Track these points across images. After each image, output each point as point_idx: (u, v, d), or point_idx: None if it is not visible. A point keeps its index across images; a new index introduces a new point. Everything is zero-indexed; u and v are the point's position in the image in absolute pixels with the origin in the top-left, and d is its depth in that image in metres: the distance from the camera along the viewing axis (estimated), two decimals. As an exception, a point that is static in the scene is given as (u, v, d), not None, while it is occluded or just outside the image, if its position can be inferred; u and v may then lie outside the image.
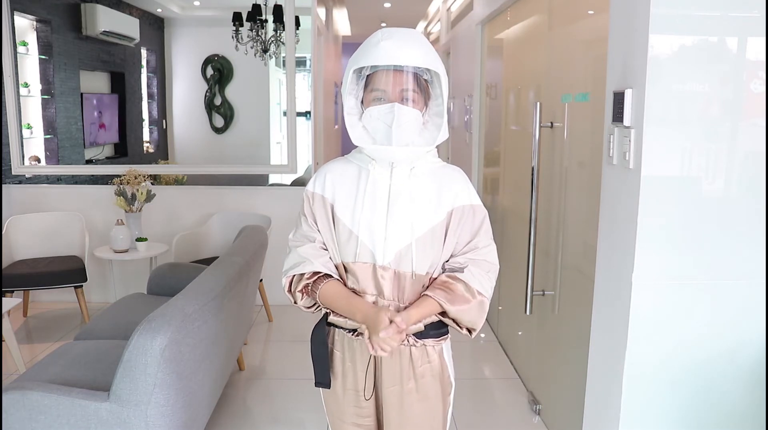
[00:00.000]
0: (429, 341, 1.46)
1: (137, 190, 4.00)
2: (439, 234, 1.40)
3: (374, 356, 1.45)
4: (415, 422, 1.48)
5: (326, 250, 1.44)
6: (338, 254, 1.43)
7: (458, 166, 1.50)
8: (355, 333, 1.44)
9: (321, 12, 6.06)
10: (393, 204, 1.38)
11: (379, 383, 1.48)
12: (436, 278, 1.43)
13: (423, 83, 1.38)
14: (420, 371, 1.46)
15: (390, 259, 1.38)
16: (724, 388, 1.75)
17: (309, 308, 1.48)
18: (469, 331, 1.45)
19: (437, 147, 1.44)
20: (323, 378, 1.48)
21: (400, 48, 1.29)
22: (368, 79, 1.38)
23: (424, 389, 1.47)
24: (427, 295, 1.39)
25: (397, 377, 1.46)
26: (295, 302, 1.47)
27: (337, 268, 1.44)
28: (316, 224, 1.44)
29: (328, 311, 1.46)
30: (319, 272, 1.41)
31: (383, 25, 8.55)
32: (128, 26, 5.22)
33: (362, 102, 1.40)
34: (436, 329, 1.46)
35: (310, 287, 1.42)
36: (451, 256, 1.43)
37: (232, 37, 4.69)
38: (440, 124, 1.38)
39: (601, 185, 1.91)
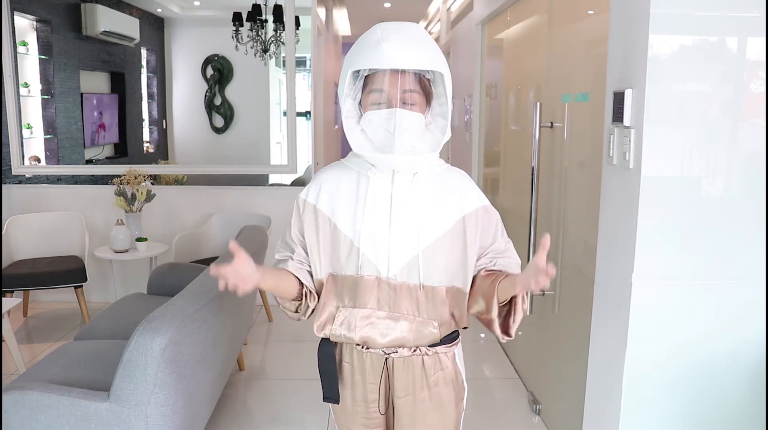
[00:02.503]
0: (441, 348, 1.40)
1: (137, 190, 4.00)
2: (450, 242, 1.34)
3: (386, 368, 1.40)
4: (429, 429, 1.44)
5: (303, 261, 1.41)
6: (328, 266, 1.38)
7: (459, 168, 1.46)
8: (365, 347, 1.39)
9: (321, 12, 6.06)
10: (395, 212, 1.32)
11: (390, 394, 1.44)
12: (473, 285, 1.40)
13: (425, 83, 1.30)
14: (433, 379, 1.41)
15: (396, 271, 1.33)
16: (725, 388, 1.74)
17: (293, 311, 1.44)
18: (507, 332, 1.39)
19: None
20: (332, 393, 1.43)
21: (401, 50, 1.21)
22: (366, 79, 1.30)
23: (438, 397, 1.43)
24: (495, 278, 1.35)
25: (410, 387, 1.41)
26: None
27: (319, 282, 1.39)
28: (302, 235, 1.40)
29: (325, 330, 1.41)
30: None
31: (383, 25, 8.53)
32: (128, 26, 5.22)
33: (360, 103, 1.33)
34: (448, 334, 1.41)
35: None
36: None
37: (232, 37, 4.69)
38: (443, 125, 1.31)
39: (601, 185, 1.91)
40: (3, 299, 3.05)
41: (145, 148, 5.69)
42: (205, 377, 2.18)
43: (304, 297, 1.41)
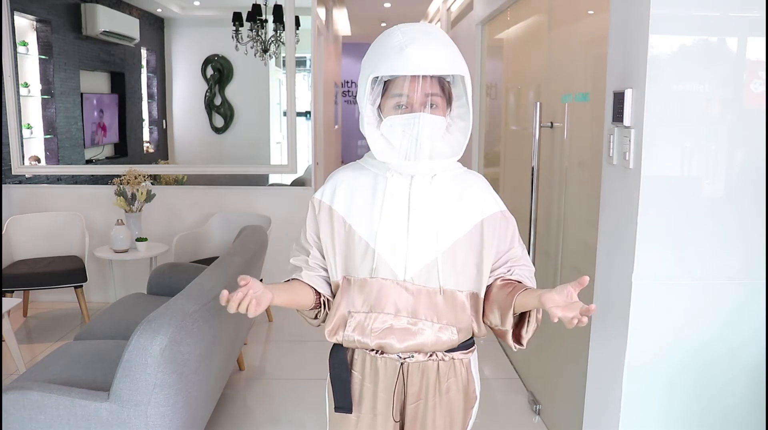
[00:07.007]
0: (457, 354, 1.38)
1: (137, 190, 4.00)
2: (468, 246, 1.32)
3: (402, 374, 1.37)
4: None
5: (319, 265, 1.39)
6: (342, 268, 1.34)
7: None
8: (379, 352, 1.35)
9: (321, 12, 6.05)
10: (414, 214, 1.29)
11: (402, 400, 1.40)
12: (489, 288, 1.37)
13: (446, 84, 1.29)
14: (446, 385, 1.38)
15: (413, 274, 1.30)
16: (724, 388, 1.74)
17: (312, 318, 1.43)
18: (519, 341, 1.38)
19: None
20: (344, 402, 1.37)
21: (425, 56, 1.19)
22: (387, 83, 1.27)
23: (448, 403, 1.40)
24: (513, 287, 1.33)
25: (422, 393, 1.38)
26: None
27: (336, 284, 1.36)
28: (318, 236, 1.38)
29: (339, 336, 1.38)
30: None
31: (383, 25, 8.54)
32: (128, 26, 5.22)
33: (379, 107, 1.30)
34: (464, 340, 1.39)
35: None
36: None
37: (232, 37, 4.69)
38: (464, 127, 1.29)
39: (601, 185, 1.91)
40: (3, 299, 3.05)
41: (145, 148, 5.69)
42: (205, 377, 2.18)
43: (322, 306, 1.39)
